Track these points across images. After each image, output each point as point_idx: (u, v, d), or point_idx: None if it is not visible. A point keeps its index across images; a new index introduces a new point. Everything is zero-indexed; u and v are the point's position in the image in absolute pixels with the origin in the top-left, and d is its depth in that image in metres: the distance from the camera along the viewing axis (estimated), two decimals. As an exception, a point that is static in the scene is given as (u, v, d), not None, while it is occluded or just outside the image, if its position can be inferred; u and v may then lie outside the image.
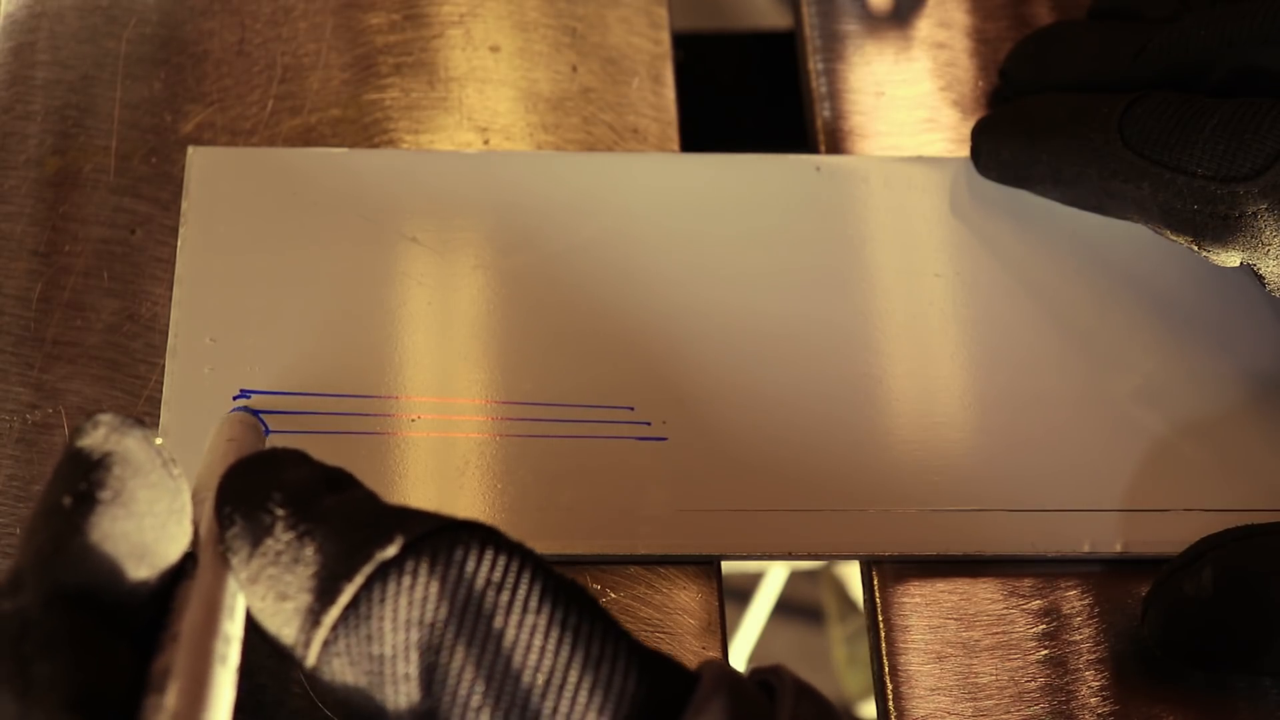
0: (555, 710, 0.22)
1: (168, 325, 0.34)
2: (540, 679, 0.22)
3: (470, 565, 0.23)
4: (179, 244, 0.35)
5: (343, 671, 0.22)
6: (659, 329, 0.35)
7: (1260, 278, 0.32)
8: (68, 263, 0.36)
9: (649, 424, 0.34)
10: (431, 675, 0.22)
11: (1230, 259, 0.32)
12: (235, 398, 0.33)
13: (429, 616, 0.22)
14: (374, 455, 0.33)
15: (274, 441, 0.33)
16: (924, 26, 0.40)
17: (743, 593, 0.81)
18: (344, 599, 0.22)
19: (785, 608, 0.87)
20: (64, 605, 0.21)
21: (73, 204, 0.36)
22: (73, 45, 0.38)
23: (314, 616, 0.22)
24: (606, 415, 0.34)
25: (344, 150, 0.37)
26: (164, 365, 0.34)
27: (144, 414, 0.34)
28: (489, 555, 0.23)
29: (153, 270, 0.36)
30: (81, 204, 0.36)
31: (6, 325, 0.35)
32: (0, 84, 0.38)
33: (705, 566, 0.34)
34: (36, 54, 0.38)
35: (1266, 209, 0.31)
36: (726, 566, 0.35)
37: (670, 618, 0.33)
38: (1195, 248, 0.33)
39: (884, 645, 0.33)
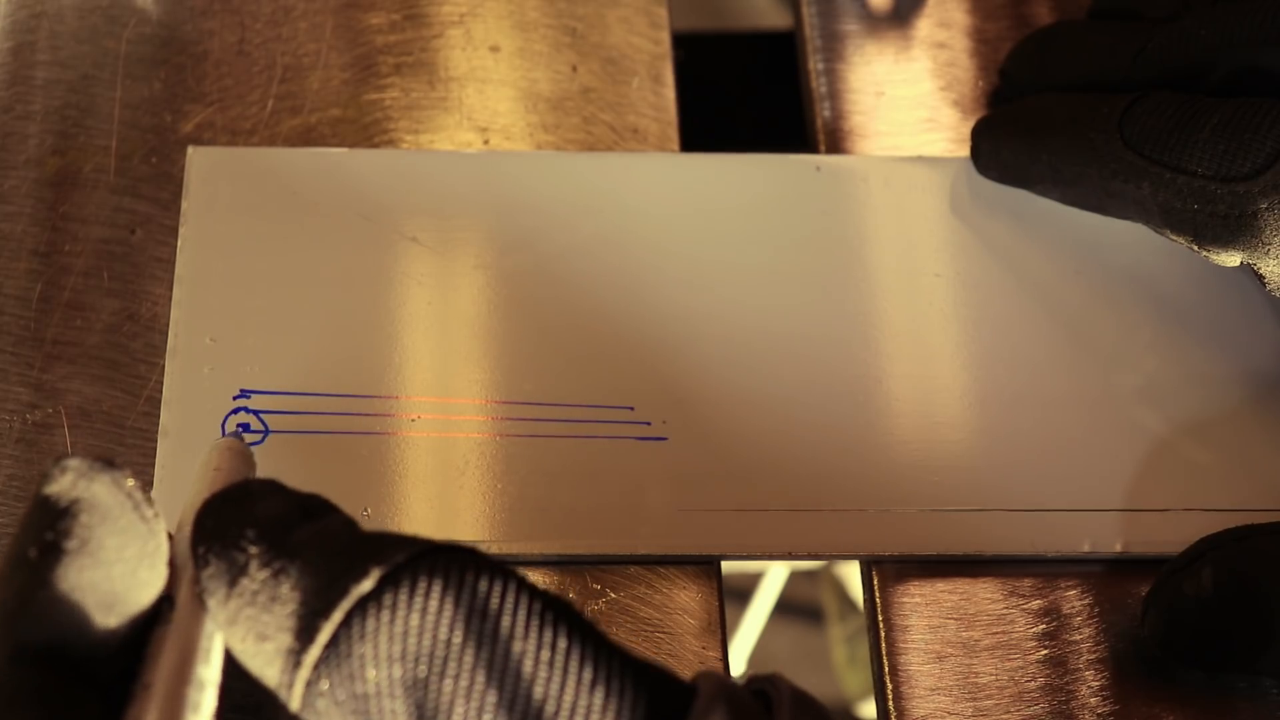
0: None
1: (168, 325, 0.34)
2: (533, 707, 0.21)
3: (450, 594, 0.22)
4: (179, 244, 0.35)
5: (328, 711, 0.22)
6: (659, 329, 0.35)
7: (1260, 278, 0.32)
8: (68, 263, 0.36)
9: (649, 424, 0.34)
10: (420, 711, 0.21)
11: (1230, 259, 0.32)
12: (235, 398, 0.33)
13: (411, 650, 0.21)
14: (374, 455, 0.33)
15: (274, 442, 0.33)
16: (924, 26, 0.40)
17: (743, 593, 0.81)
18: (323, 638, 0.21)
19: (785, 608, 0.87)
20: (30, 661, 0.21)
21: (73, 204, 0.36)
22: (73, 45, 0.38)
23: (295, 657, 0.22)
24: (606, 415, 0.34)
25: (344, 150, 0.37)
26: (164, 365, 0.34)
27: (144, 414, 0.34)
28: (469, 581, 0.22)
29: (153, 270, 0.36)
30: (81, 204, 0.36)
31: (6, 325, 0.35)
32: (0, 84, 0.38)
33: (705, 566, 0.34)
34: (36, 54, 0.38)
35: (1267, 209, 0.31)
36: (726, 566, 0.35)
37: (670, 618, 0.33)
38: (1195, 248, 0.33)
39: (884, 645, 0.33)
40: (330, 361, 0.34)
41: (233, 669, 0.23)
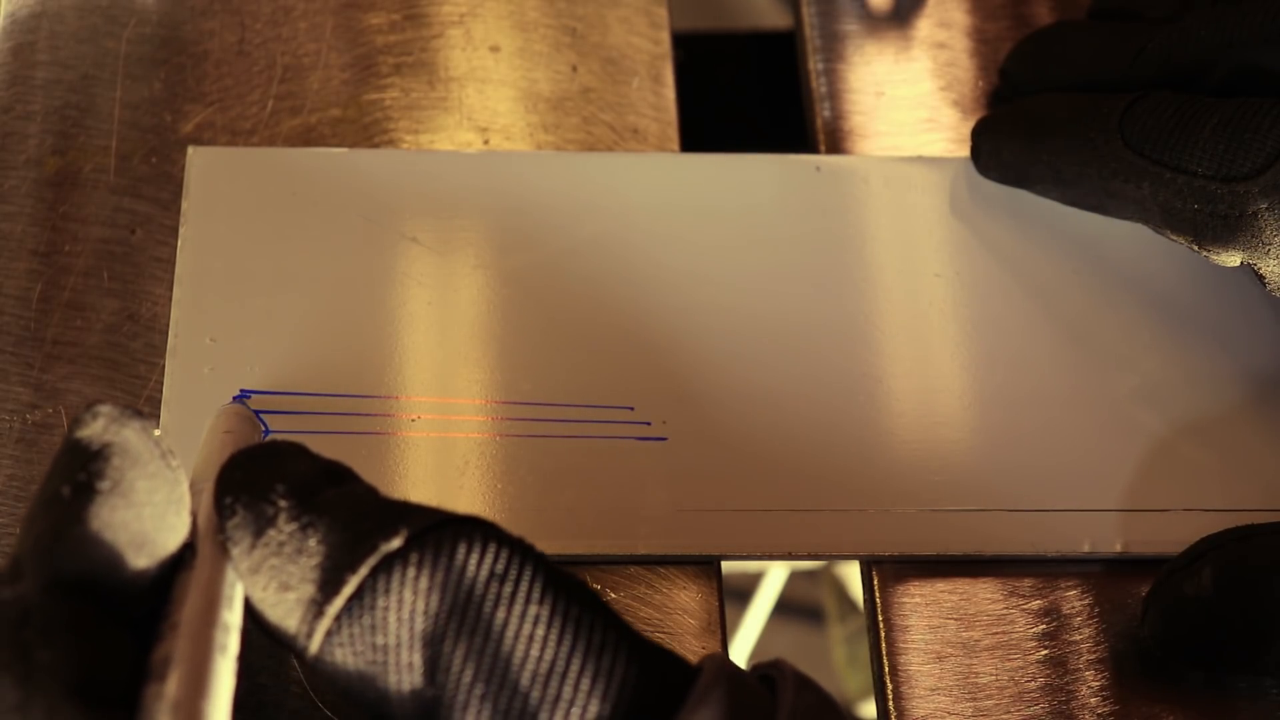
0: (557, 696, 0.22)
1: (168, 325, 0.34)
2: (542, 667, 0.22)
3: (474, 558, 0.23)
4: (179, 244, 0.35)
5: (345, 661, 0.23)
6: (659, 329, 0.35)
7: (1260, 278, 0.32)
8: (68, 263, 0.36)
9: (649, 424, 0.34)
10: (435, 664, 0.22)
11: (1230, 259, 0.32)
12: (235, 398, 0.33)
13: (433, 607, 0.22)
14: (374, 455, 0.33)
15: (274, 441, 0.33)
16: (924, 26, 0.40)
17: (743, 593, 0.81)
18: (348, 589, 0.23)
19: (785, 608, 0.87)
20: (63, 593, 0.22)
21: (73, 204, 0.36)
22: (73, 45, 0.38)
23: (317, 607, 0.23)
24: (606, 415, 0.34)
25: (344, 150, 0.37)
26: (164, 365, 0.34)
27: (144, 414, 0.34)
28: (491, 548, 0.23)
29: (153, 270, 0.36)
30: (81, 204, 0.36)
31: (6, 325, 0.35)
32: (0, 84, 0.38)
33: (705, 566, 0.34)
34: (36, 54, 0.38)
35: (1267, 208, 0.31)
36: (726, 566, 0.35)
37: (670, 618, 0.33)
38: (1195, 248, 0.33)
39: (884, 645, 0.33)
40: (330, 361, 0.34)
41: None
